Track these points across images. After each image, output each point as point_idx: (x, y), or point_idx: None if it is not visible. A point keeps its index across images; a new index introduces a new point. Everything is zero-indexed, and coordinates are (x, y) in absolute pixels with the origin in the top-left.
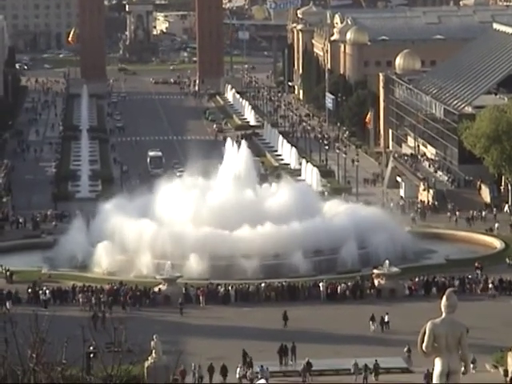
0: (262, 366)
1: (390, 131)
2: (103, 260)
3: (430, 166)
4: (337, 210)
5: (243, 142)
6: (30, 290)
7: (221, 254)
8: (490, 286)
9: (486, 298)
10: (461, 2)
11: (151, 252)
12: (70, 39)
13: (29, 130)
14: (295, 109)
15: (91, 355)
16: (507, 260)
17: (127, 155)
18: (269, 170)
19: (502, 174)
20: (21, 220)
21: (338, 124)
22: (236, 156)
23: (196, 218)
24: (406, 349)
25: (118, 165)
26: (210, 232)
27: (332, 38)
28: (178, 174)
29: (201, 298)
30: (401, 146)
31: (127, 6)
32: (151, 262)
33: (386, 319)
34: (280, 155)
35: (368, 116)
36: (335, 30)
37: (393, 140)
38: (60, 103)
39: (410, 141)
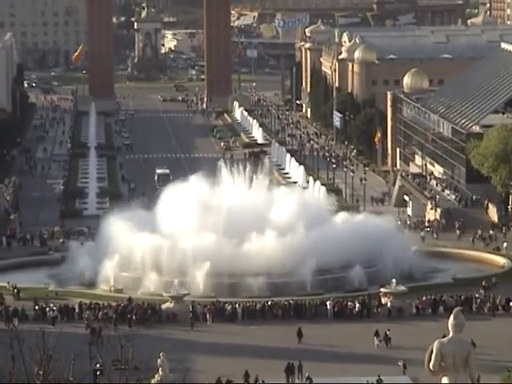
0: (263, 381)
1: (398, 150)
2: (110, 277)
3: (437, 185)
4: (346, 224)
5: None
6: (36, 307)
7: (227, 271)
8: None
9: (493, 317)
10: (469, 22)
11: (157, 269)
12: (74, 57)
13: (37, 148)
14: (303, 127)
15: (98, 372)
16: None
17: (135, 173)
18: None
19: (510, 194)
20: (28, 237)
21: (346, 142)
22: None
23: (201, 231)
24: (401, 363)
25: (125, 182)
26: (217, 248)
27: (340, 57)
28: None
29: (208, 315)
30: (408, 165)
31: (136, 24)
32: (158, 279)
33: (389, 335)
34: (288, 173)
35: (377, 135)
36: (343, 49)
37: (400, 159)
38: (68, 120)
39: (418, 159)
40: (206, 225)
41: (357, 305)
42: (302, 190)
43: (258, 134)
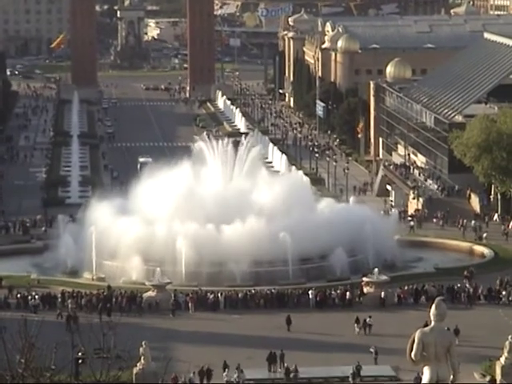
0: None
1: (381, 139)
2: (92, 265)
3: (420, 175)
4: (328, 212)
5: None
6: (18, 296)
7: (210, 259)
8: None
9: (475, 306)
10: (452, 11)
11: (139, 257)
12: (54, 45)
13: (19, 136)
14: (286, 116)
15: (80, 361)
16: None
17: (118, 161)
18: None
19: (492, 184)
20: (10, 225)
21: (329, 132)
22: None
23: (183, 215)
24: (372, 349)
25: (108, 171)
26: (199, 236)
27: (323, 46)
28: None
29: (190, 304)
30: (391, 155)
31: (118, 12)
32: (140, 268)
33: (369, 322)
34: (270, 162)
35: (360, 125)
36: (326, 38)
37: (383, 148)
38: (51, 109)
39: (401, 149)
40: (187, 212)
41: (339, 294)
42: (287, 175)
43: (240, 123)
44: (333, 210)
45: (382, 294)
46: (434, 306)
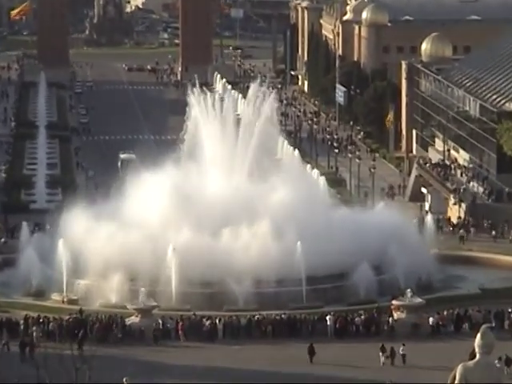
0: None
1: (414, 132)
2: (63, 285)
3: (462, 175)
4: (350, 221)
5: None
6: None
7: (206, 277)
8: None
9: None
10: None
11: (120, 274)
12: (14, 14)
13: None
14: (299, 104)
15: None
16: None
17: (93, 158)
18: None
19: None
20: None
21: (351, 123)
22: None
23: (174, 223)
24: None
25: (82, 169)
26: (194, 249)
27: (344, 18)
28: None
29: (180, 332)
30: (427, 151)
31: None
32: (121, 288)
33: (402, 352)
34: (280, 160)
35: (389, 114)
36: (348, 8)
37: (417, 143)
38: (12, 93)
39: (439, 144)
40: (179, 219)
41: (363, 320)
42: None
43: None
44: (356, 218)
45: (416, 320)
46: (479, 336)
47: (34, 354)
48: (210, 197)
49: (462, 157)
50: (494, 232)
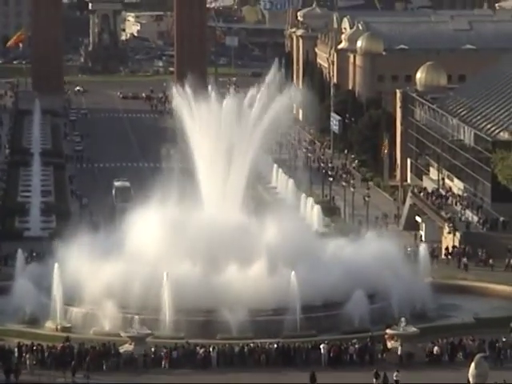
0: None
1: (409, 161)
2: (56, 313)
3: (456, 204)
4: (344, 250)
5: None
6: None
7: (199, 305)
8: None
9: None
10: (496, 5)
11: (114, 302)
12: (10, 43)
13: None
14: (293, 132)
15: None
16: None
17: (88, 186)
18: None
19: None
20: None
21: (346, 151)
22: None
23: (167, 252)
24: None
25: (76, 197)
26: (187, 279)
27: (339, 47)
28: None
29: (163, 361)
30: (421, 179)
31: (90, 4)
32: (115, 316)
33: (396, 378)
34: (275, 188)
35: (384, 143)
36: (343, 37)
37: (412, 172)
38: (7, 121)
39: (433, 173)
40: (174, 251)
41: (356, 349)
42: (290, 209)
43: None
44: (350, 247)
45: (410, 349)
46: (473, 365)
47: (18, 380)
48: (203, 226)
49: (457, 186)
50: (491, 261)
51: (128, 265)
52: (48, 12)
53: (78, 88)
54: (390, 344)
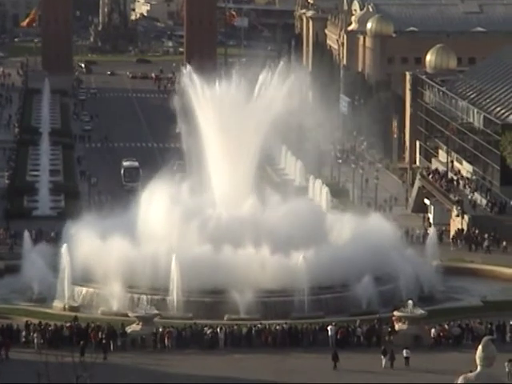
0: None
1: (418, 143)
2: (64, 292)
3: (465, 187)
4: (351, 232)
5: None
6: None
7: (208, 286)
8: None
9: None
10: None
11: (122, 283)
12: (26, 23)
13: None
14: (303, 114)
15: None
16: None
17: (96, 165)
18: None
19: None
20: None
21: (355, 133)
22: None
23: (180, 240)
24: None
25: (85, 177)
26: (196, 260)
27: (349, 28)
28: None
29: (166, 341)
30: (430, 162)
31: None
32: (123, 296)
33: (405, 354)
34: (283, 169)
35: (393, 125)
36: (353, 19)
37: (421, 154)
38: (16, 100)
39: (442, 155)
40: (182, 232)
41: (364, 331)
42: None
43: None
44: (358, 229)
45: (417, 331)
46: (480, 348)
47: (7, 354)
48: (213, 208)
49: (466, 168)
50: (504, 243)
51: (136, 245)
52: None
53: (80, 63)
54: (397, 326)
